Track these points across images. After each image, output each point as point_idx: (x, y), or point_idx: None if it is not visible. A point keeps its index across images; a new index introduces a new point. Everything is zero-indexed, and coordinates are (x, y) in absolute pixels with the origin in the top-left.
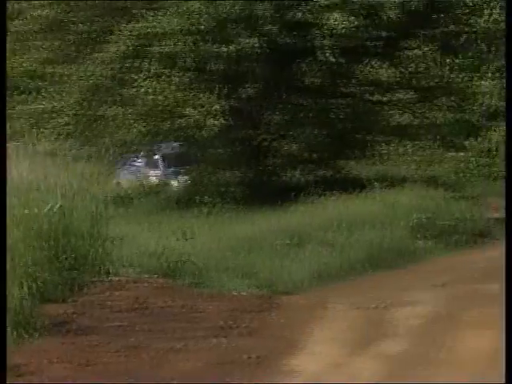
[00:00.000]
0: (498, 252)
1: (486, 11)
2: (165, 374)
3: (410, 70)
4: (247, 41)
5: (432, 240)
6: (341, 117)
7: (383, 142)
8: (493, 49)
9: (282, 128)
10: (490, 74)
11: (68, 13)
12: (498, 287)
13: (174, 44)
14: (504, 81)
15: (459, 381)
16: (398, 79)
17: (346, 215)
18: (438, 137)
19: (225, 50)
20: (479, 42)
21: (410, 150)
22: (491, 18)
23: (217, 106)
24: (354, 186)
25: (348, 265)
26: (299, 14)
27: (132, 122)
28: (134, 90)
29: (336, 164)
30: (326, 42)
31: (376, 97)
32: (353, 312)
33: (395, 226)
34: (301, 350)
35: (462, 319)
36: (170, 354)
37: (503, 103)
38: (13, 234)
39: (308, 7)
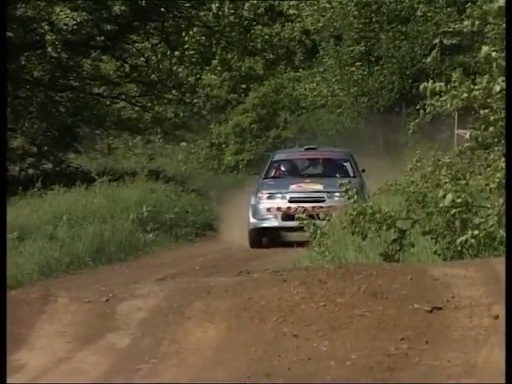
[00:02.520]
0: (220, 246)
1: (213, 5)
2: None
3: (135, 63)
4: None
5: (156, 233)
6: (67, 110)
7: (112, 136)
8: (220, 43)
9: (9, 121)
10: (218, 68)
11: None
12: (219, 279)
13: None
14: None
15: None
16: (123, 73)
17: (68, 209)
18: (163, 130)
19: None
20: (206, 35)
21: (139, 144)
22: (220, 12)
23: None
24: (80, 179)
25: (70, 258)
26: (24, 9)
27: None
28: None
29: (61, 158)
30: (48, 37)
31: (103, 90)
32: (76, 305)
33: (117, 219)
34: (23, 344)
35: (185, 312)
36: None
37: (233, 95)
38: None
39: (33, 3)
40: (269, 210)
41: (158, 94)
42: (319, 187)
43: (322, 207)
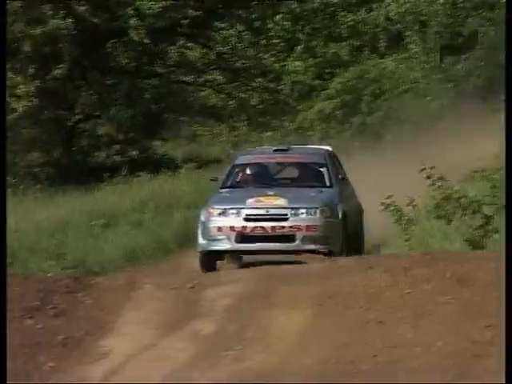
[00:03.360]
0: None
1: None
2: None
3: (220, 50)
4: (57, 22)
5: None
6: (152, 97)
7: (197, 123)
8: (305, 30)
9: (96, 109)
10: (303, 55)
11: None
12: (305, 265)
13: None
14: None
15: None
16: (208, 60)
17: (154, 196)
18: (248, 117)
19: (35, 30)
20: (291, 22)
21: (224, 131)
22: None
23: (23, 88)
24: (165, 166)
25: (156, 245)
26: None
27: None
28: None
29: (147, 145)
30: (132, 22)
31: (189, 77)
32: (162, 292)
33: (202, 206)
34: (110, 331)
35: (271, 298)
36: None
37: (318, 81)
38: None
39: None
40: (220, 229)
41: (243, 81)
42: (282, 202)
43: (283, 227)
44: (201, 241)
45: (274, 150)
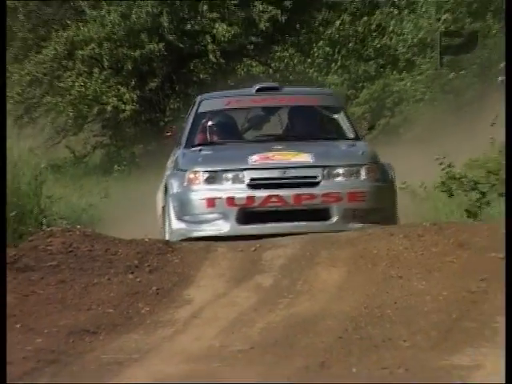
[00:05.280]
0: None
1: (336, 23)
2: (86, 301)
3: (277, 67)
4: (152, 46)
5: None
6: None
7: None
8: (341, 52)
9: (181, 113)
10: (339, 71)
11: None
12: (341, 234)
13: (94, 48)
14: None
15: None
16: (268, 75)
17: None
18: None
19: (135, 53)
20: (330, 46)
21: None
22: (341, 27)
23: (127, 96)
24: None
25: None
26: (191, 25)
27: (62, 109)
28: (66, 83)
29: None
30: (210, 46)
31: None
32: (232, 253)
33: None
34: (191, 283)
35: (314, 259)
36: (89, 287)
37: (352, 91)
38: None
39: (198, 19)
40: (211, 203)
41: None
42: (305, 158)
43: (312, 196)
44: (175, 225)
45: (258, 90)
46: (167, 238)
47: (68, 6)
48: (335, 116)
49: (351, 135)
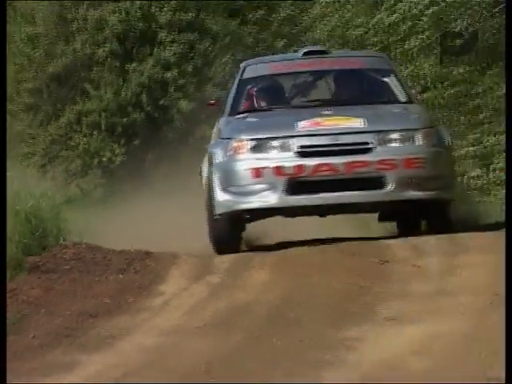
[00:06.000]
0: None
1: None
2: (90, 293)
3: None
4: (136, 115)
5: None
6: None
7: None
8: None
9: (160, 163)
10: None
11: None
12: None
13: (95, 117)
14: None
15: None
16: None
17: None
18: None
19: (123, 120)
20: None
21: None
22: None
23: (118, 150)
24: None
25: None
26: (163, 101)
27: (73, 159)
28: (75, 142)
29: None
30: (176, 116)
31: None
32: (196, 259)
33: None
34: (163, 281)
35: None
36: (92, 283)
37: None
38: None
39: (168, 97)
40: (257, 173)
41: None
42: (357, 123)
43: (365, 163)
44: (220, 197)
45: (305, 54)
46: (214, 211)
47: (77, 87)
48: (386, 79)
49: (404, 99)
